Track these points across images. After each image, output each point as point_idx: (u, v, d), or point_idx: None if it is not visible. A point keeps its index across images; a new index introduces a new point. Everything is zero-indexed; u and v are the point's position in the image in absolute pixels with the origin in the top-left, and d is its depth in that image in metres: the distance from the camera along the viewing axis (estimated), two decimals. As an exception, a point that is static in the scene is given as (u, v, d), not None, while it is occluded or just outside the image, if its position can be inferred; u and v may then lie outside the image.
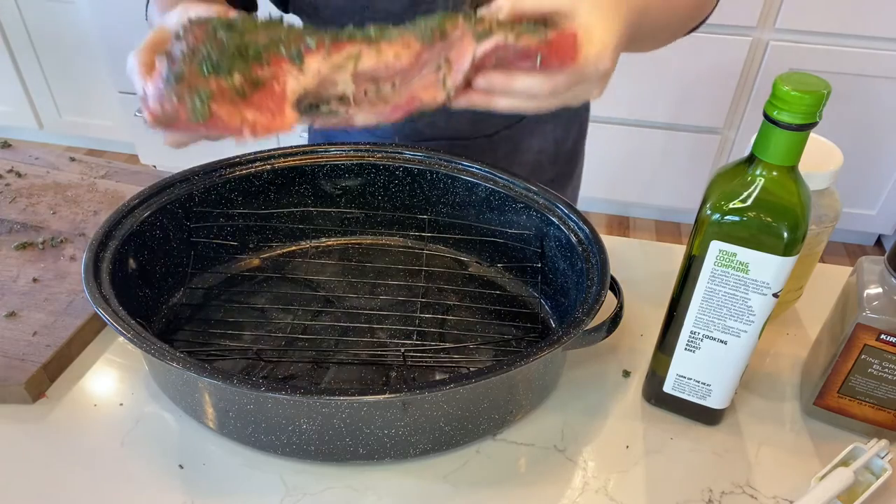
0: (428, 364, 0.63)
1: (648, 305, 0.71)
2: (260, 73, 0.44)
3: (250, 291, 0.71)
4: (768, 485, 0.55)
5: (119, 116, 2.25)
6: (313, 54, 0.45)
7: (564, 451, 0.57)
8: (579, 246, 0.63)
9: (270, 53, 0.45)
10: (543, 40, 0.44)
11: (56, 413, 0.59)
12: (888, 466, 0.55)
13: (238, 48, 0.45)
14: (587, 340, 0.58)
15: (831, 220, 0.62)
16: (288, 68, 0.45)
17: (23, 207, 0.80)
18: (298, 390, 0.48)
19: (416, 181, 0.74)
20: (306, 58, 0.45)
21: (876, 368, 0.55)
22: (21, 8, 2.14)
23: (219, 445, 0.57)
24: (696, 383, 0.57)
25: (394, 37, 0.46)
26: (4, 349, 0.61)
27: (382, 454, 0.54)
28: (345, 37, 0.46)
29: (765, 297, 0.50)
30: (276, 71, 0.45)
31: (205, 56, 0.43)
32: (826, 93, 0.43)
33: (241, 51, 0.44)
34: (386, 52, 0.46)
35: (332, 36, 0.46)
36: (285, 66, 0.45)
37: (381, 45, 0.46)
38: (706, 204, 0.49)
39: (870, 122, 1.79)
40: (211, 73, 0.43)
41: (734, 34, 1.72)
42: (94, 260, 0.58)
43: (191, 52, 0.44)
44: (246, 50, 0.45)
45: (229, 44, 0.45)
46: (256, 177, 0.71)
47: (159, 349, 0.50)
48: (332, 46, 0.46)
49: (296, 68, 0.45)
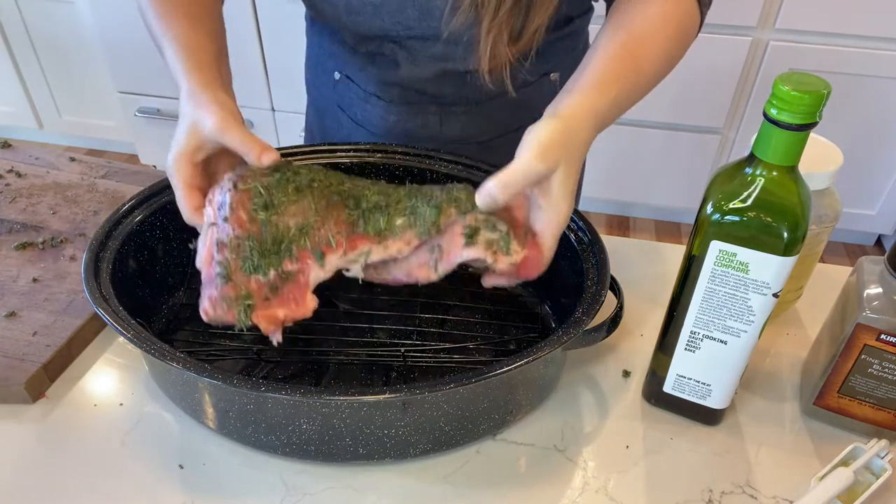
0: (428, 364, 0.63)
1: (648, 305, 0.71)
2: (289, 268, 0.54)
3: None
4: (768, 485, 0.55)
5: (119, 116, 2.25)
6: (333, 252, 0.55)
7: (564, 451, 0.57)
8: (579, 246, 0.63)
9: (299, 248, 0.54)
10: (514, 263, 0.55)
11: (56, 413, 0.59)
12: (888, 466, 0.55)
13: (273, 238, 0.54)
14: (587, 340, 0.58)
15: (831, 220, 0.62)
16: (311, 263, 0.54)
17: (23, 207, 0.80)
18: (298, 390, 0.48)
19: (416, 181, 0.74)
20: (327, 256, 0.55)
21: (876, 368, 0.55)
22: (21, 8, 2.14)
23: (219, 445, 0.57)
24: (696, 383, 0.57)
25: (398, 233, 0.56)
26: (4, 349, 0.61)
27: (382, 454, 0.54)
28: (359, 230, 0.56)
29: (765, 297, 0.50)
30: (302, 266, 0.54)
31: (247, 255, 0.54)
32: (826, 93, 0.43)
33: (275, 240, 0.54)
34: (391, 248, 0.56)
35: (348, 228, 0.56)
36: (310, 262, 0.54)
37: (388, 242, 0.56)
38: (706, 204, 0.49)
39: (870, 122, 1.79)
40: (251, 273, 0.53)
41: (734, 34, 1.72)
42: (94, 260, 0.58)
43: (235, 247, 0.54)
44: (279, 244, 0.55)
45: (266, 236, 0.54)
46: (256, 177, 0.71)
47: (159, 349, 0.50)
48: (349, 245, 0.55)
49: (318, 265, 0.55)
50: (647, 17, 0.64)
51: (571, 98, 0.58)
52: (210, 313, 0.53)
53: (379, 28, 0.73)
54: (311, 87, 0.93)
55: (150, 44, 0.67)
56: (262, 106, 2.12)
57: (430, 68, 0.77)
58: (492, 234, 0.55)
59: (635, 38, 0.63)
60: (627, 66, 0.61)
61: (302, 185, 0.57)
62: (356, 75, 0.82)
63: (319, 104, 0.92)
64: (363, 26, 0.74)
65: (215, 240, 0.55)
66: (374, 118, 0.83)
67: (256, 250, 0.54)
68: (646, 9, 0.65)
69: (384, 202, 0.58)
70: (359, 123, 0.85)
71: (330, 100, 0.88)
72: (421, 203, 0.57)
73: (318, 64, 0.88)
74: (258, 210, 0.55)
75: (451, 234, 0.56)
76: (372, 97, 0.82)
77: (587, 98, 0.58)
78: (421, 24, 0.72)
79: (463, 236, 0.55)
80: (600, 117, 0.58)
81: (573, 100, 0.57)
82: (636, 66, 0.61)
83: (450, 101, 0.80)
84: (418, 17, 0.71)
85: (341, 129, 0.89)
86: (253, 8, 1.90)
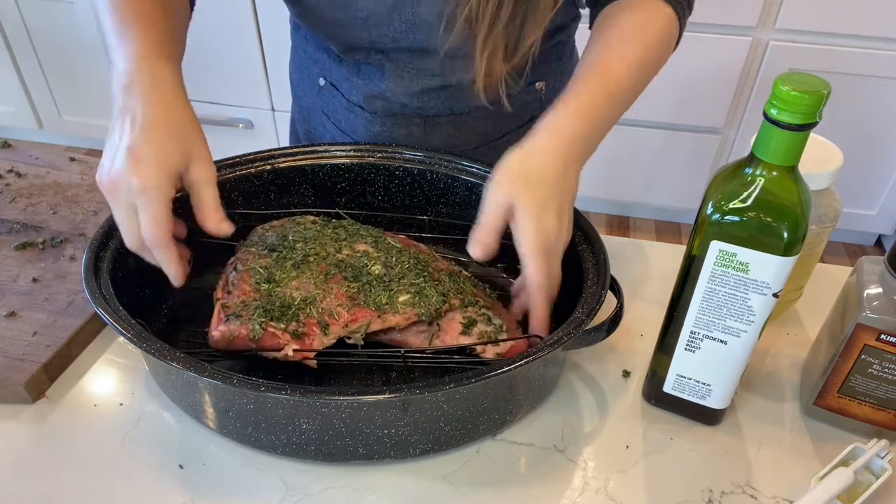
0: (428, 364, 0.63)
1: (648, 305, 0.71)
2: (296, 329, 0.57)
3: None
4: (768, 485, 0.55)
5: (119, 116, 2.25)
6: (336, 324, 0.58)
7: (564, 451, 0.57)
8: (579, 246, 0.63)
9: (305, 315, 0.58)
10: (500, 354, 0.59)
11: (56, 413, 0.59)
12: (888, 466, 0.55)
13: (282, 302, 0.58)
14: (587, 340, 0.58)
15: (831, 220, 0.62)
16: (317, 331, 0.58)
17: (23, 207, 0.80)
18: (298, 390, 0.48)
19: (416, 181, 0.74)
20: (331, 327, 0.58)
21: (876, 368, 0.55)
22: (21, 8, 2.14)
23: (219, 445, 0.57)
24: (696, 383, 0.57)
25: (400, 310, 0.60)
26: (4, 349, 0.61)
27: (382, 454, 0.54)
28: (360, 303, 0.59)
29: (765, 297, 0.50)
30: (308, 331, 0.58)
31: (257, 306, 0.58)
32: (826, 93, 0.43)
33: (283, 304, 0.58)
34: (390, 321, 0.60)
35: (349, 301, 0.59)
36: (315, 329, 0.58)
37: (388, 316, 0.59)
38: (706, 204, 0.49)
39: (870, 122, 1.79)
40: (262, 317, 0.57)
41: (734, 34, 1.72)
42: (94, 260, 0.58)
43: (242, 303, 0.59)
44: (287, 308, 0.58)
45: (275, 300, 0.58)
46: (256, 177, 0.71)
47: (159, 349, 0.50)
48: (350, 319, 0.59)
49: (322, 333, 0.58)
50: (624, 29, 0.64)
51: (540, 125, 0.59)
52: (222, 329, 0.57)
53: (366, 40, 0.74)
54: (295, 86, 0.93)
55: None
56: (262, 106, 2.12)
57: (416, 81, 0.77)
58: (486, 326, 0.60)
59: (611, 54, 0.63)
60: (601, 84, 0.61)
61: (298, 260, 0.62)
62: (341, 84, 0.83)
63: (304, 105, 0.92)
64: (350, 38, 0.75)
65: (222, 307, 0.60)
66: (359, 127, 0.83)
67: (264, 308, 0.58)
68: (621, 22, 0.65)
69: (386, 275, 0.62)
70: (343, 131, 0.86)
71: (314, 104, 0.89)
72: (428, 286, 0.61)
73: (304, 68, 0.88)
74: (261, 283, 0.60)
75: (450, 320, 0.61)
76: (356, 107, 0.82)
77: (555, 125, 0.59)
78: (408, 36, 0.72)
79: (461, 325, 0.60)
80: (575, 140, 0.58)
81: (540, 126, 0.59)
82: (612, 82, 0.61)
83: (433, 112, 0.80)
84: (405, 30, 0.72)
85: (326, 133, 0.89)
86: (253, 8, 1.90)
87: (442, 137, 0.82)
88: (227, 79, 2.06)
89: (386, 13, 0.71)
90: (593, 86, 0.61)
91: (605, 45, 0.64)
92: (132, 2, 0.60)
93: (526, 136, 0.59)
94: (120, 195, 0.53)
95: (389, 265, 0.63)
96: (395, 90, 0.78)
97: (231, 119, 2.15)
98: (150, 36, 0.58)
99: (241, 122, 2.16)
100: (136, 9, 0.59)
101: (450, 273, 0.65)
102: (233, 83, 2.06)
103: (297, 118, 0.95)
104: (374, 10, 0.71)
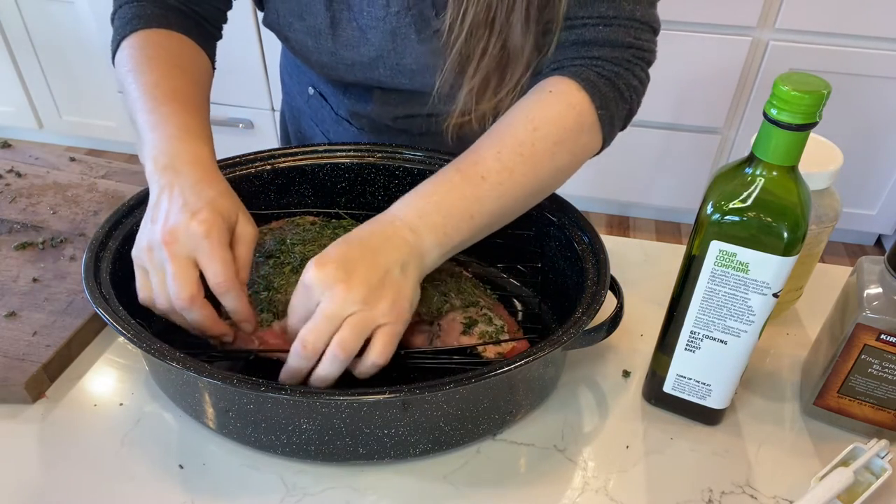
0: (428, 364, 0.63)
1: (648, 305, 0.71)
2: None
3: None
4: (768, 485, 0.55)
5: (119, 116, 2.25)
6: None
7: (564, 451, 0.57)
8: (579, 246, 0.63)
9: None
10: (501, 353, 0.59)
11: (56, 413, 0.59)
12: (888, 466, 0.55)
13: (283, 307, 0.58)
14: (587, 340, 0.58)
15: (831, 220, 0.62)
16: None
17: (23, 207, 0.80)
18: (298, 390, 0.48)
19: (416, 181, 0.73)
20: None
21: (876, 368, 0.55)
22: (21, 8, 2.14)
23: (219, 445, 0.57)
24: (696, 383, 0.57)
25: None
26: (4, 349, 0.61)
27: (382, 454, 0.54)
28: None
29: (765, 297, 0.50)
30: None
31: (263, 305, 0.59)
32: (826, 93, 0.43)
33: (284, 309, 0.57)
34: None
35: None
36: None
37: None
38: (706, 204, 0.49)
39: (870, 122, 1.79)
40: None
41: (734, 34, 1.72)
42: (94, 260, 0.58)
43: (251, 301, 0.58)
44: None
45: (277, 304, 0.59)
46: (256, 177, 0.71)
47: (159, 349, 0.50)
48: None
49: None
50: (515, 110, 0.59)
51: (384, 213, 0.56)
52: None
53: (352, 79, 0.77)
54: (286, 87, 0.94)
55: (150, 44, 0.67)
56: (262, 106, 2.12)
57: (402, 108, 0.79)
58: (487, 327, 0.60)
59: (488, 140, 0.58)
60: (465, 172, 0.57)
61: (297, 265, 0.62)
62: (330, 97, 0.84)
63: (295, 106, 0.93)
64: (337, 75, 0.77)
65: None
66: (346, 139, 0.85)
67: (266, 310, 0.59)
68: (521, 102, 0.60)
69: None
70: (331, 141, 0.88)
71: (304, 110, 0.90)
72: (430, 286, 0.62)
73: (294, 74, 0.90)
74: (259, 292, 0.60)
75: (451, 320, 0.61)
76: (343, 121, 0.84)
77: (395, 215, 0.55)
78: (392, 80, 0.75)
79: (462, 325, 0.60)
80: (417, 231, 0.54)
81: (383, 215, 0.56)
82: (479, 172, 0.56)
83: (418, 131, 0.83)
84: (390, 75, 0.74)
85: (315, 138, 0.91)
86: (253, 9, 1.90)
87: (405, 137, 0.84)
88: (227, 79, 2.06)
89: (370, 63, 0.73)
90: (454, 172, 0.57)
91: (491, 128, 0.59)
92: (165, 77, 0.61)
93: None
94: (179, 247, 0.51)
95: None
96: (381, 114, 0.80)
97: (231, 119, 2.15)
98: (186, 117, 0.59)
99: (241, 122, 2.16)
100: (169, 85, 0.61)
101: (451, 273, 0.65)
102: (233, 83, 2.06)
103: (288, 116, 0.96)
104: (357, 60, 0.73)
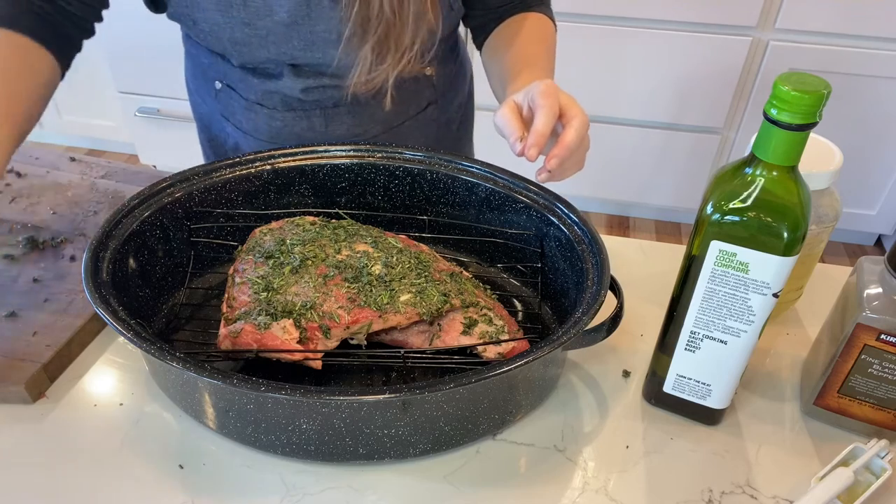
0: (428, 364, 0.63)
1: (648, 305, 0.71)
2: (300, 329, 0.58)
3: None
4: (768, 485, 0.55)
5: (119, 116, 2.25)
6: (338, 327, 0.58)
7: (564, 451, 0.57)
8: (579, 246, 0.63)
9: (307, 320, 0.58)
10: (502, 354, 0.60)
11: (56, 413, 0.59)
12: (888, 466, 0.55)
13: (283, 307, 0.59)
14: (587, 340, 0.58)
15: (831, 220, 0.62)
16: (319, 335, 0.58)
17: (23, 207, 0.80)
18: (298, 390, 0.48)
19: (416, 181, 0.74)
20: (332, 330, 0.58)
21: (876, 368, 0.55)
22: (21, 8, 2.14)
23: (219, 445, 0.57)
24: (696, 383, 0.57)
25: (401, 309, 0.59)
26: (4, 349, 0.61)
27: (382, 454, 0.54)
28: (361, 304, 0.59)
29: (765, 297, 0.50)
30: (311, 335, 0.58)
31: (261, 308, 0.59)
32: (826, 93, 0.43)
33: (285, 309, 0.58)
34: (391, 321, 0.60)
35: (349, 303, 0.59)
36: (317, 333, 0.58)
37: (389, 315, 0.59)
38: (706, 204, 0.49)
39: (870, 122, 1.79)
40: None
41: (734, 34, 1.72)
42: (94, 260, 0.58)
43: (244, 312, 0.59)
44: (289, 313, 0.58)
45: (276, 305, 0.59)
46: (256, 177, 0.71)
47: (159, 349, 0.50)
48: (351, 320, 0.58)
49: (324, 337, 0.58)
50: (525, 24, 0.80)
51: (532, 78, 0.67)
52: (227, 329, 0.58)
53: (265, 57, 0.76)
54: (193, 94, 0.92)
55: (150, 44, 0.67)
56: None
57: (313, 79, 0.78)
58: (488, 326, 0.60)
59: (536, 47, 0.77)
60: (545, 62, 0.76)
61: (296, 265, 0.62)
62: (237, 85, 0.83)
63: (203, 112, 0.91)
64: (249, 55, 0.76)
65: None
66: (260, 125, 0.84)
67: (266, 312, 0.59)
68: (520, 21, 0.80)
69: (387, 275, 0.62)
70: (245, 132, 0.86)
71: (213, 108, 0.88)
72: (430, 286, 0.62)
73: (199, 74, 0.88)
74: (259, 293, 0.60)
75: (451, 320, 0.61)
76: (255, 105, 0.83)
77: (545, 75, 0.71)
78: (305, 53, 0.74)
79: (462, 325, 0.60)
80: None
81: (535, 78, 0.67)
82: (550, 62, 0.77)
83: (332, 104, 0.81)
84: (303, 48, 0.74)
85: (228, 139, 0.89)
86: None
87: (343, 128, 0.83)
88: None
89: (285, 31, 0.72)
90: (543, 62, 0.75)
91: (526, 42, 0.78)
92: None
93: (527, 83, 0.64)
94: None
95: (390, 265, 0.63)
96: (293, 86, 0.79)
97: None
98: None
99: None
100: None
101: (451, 273, 0.65)
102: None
103: (199, 127, 0.95)
104: (272, 29, 0.72)
